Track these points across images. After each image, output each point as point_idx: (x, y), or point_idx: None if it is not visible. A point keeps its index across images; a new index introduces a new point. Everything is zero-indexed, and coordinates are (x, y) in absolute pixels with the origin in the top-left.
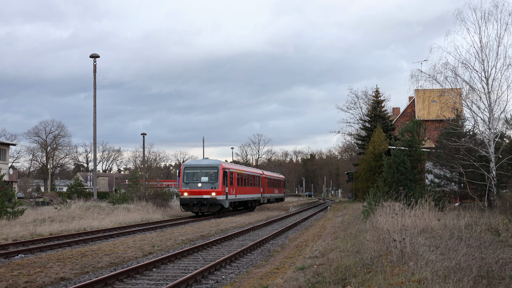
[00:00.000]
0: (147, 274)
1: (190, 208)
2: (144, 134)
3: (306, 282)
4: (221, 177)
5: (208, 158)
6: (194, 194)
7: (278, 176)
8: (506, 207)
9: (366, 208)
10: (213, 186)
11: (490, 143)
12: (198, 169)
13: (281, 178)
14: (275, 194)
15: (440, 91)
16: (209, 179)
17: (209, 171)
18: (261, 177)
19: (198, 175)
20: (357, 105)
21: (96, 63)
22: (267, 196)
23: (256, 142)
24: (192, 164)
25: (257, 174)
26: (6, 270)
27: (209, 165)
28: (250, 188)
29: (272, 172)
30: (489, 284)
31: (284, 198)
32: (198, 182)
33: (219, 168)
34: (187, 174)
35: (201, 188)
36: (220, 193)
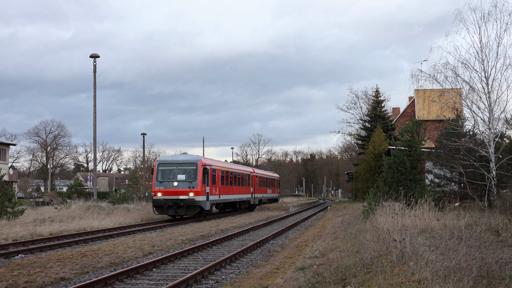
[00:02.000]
0: (147, 274)
1: (165, 210)
2: (144, 134)
3: (306, 282)
4: (200, 174)
5: (186, 153)
6: (169, 194)
7: (271, 174)
8: (506, 207)
9: (366, 208)
10: (191, 185)
11: (490, 143)
12: (174, 166)
13: (275, 177)
14: (268, 194)
15: (440, 91)
16: (187, 177)
17: (187, 168)
18: (251, 175)
19: (174, 173)
20: (357, 105)
21: (97, 63)
22: (258, 196)
23: (256, 142)
24: (167, 160)
25: (246, 172)
26: (6, 270)
27: (187, 161)
28: (237, 188)
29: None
30: (489, 284)
31: (278, 198)
32: (173, 181)
33: (198, 165)
34: (162, 172)
35: (177, 188)
36: (199, 193)
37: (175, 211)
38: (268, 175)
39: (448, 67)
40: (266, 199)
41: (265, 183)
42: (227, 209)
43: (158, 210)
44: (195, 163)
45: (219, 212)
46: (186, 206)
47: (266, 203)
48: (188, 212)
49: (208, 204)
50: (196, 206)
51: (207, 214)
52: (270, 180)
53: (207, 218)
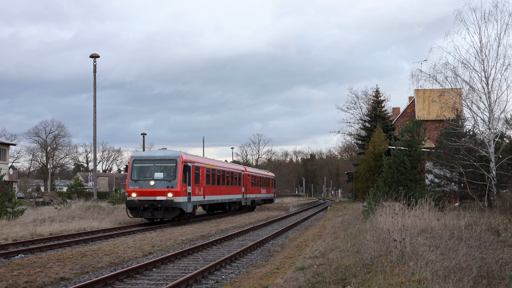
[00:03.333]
0: (147, 274)
1: (140, 213)
2: (144, 134)
3: (306, 282)
4: (180, 172)
5: (165, 149)
6: (145, 195)
7: (266, 173)
8: (506, 207)
9: (366, 208)
10: (170, 185)
11: (490, 143)
12: (151, 163)
13: (270, 176)
14: (262, 194)
15: (440, 91)
16: (165, 175)
17: (165, 165)
18: (242, 174)
19: (151, 170)
20: (357, 105)
21: (97, 63)
22: (251, 197)
23: (256, 142)
24: (143, 156)
25: (236, 170)
26: (6, 270)
27: (165, 157)
28: (226, 188)
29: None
30: (489, 284)
31: (273, 199)
32: (150, 179)
33: (177, 161)
34: (137, 169)
35: (154, 187)
36: (179, 194)
37: (152, 214)
38: (262, 174)
39: (448, 67)
40: (260, 200)
41: (258, 183)
42: (216, 211)
43: (133, 213)
44: (175, 159)
45: (207, 214)
46: (164, 208)
47: (260, 204)
48: (166, 214)
49: (189, 206)
50: (175, 208)
51: (189, 217)
52: (265, 179)
53: (189, 221)
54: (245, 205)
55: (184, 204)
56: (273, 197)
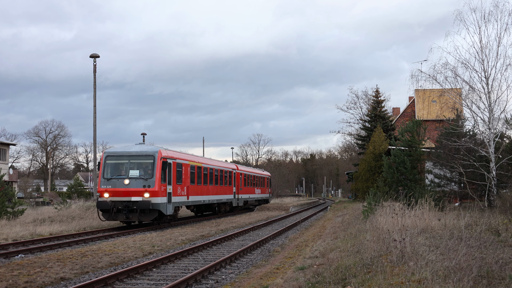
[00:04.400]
0: (147, 274)
1: (113, 215)
2: (144, 134)
3: (306, 282)
4: (158, 170)
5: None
6: (119, 195)
7: (261, 172)
8: (506, 207)
9: (366, 208)
10: (147, 184)
11: (490, 143)
12: (126, 159)
13: (265, 176)
14: (256, 194)
15: (440, 91)
16: (141, 173)
17: (141, 161)
18: (234, 173)
19: (126, 168)
20: (357, 105)
21: (98, 64)
22: (243, 197)
23: (256, 142)
24: (116, 152)
25: (227, 168)
26: (6, 270)
27: (141, 152)
28: (215, 187)
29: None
30: (489, 284)
31: (269, 199)
32: (124, 178)
33: (155, 157)
34: (109, 166)
35: (128, 187)
36: (157, 194)
37: (126, 216)
38: (256, 173)
39: (448, 67)
40: (253, 200)
41: (252, 182)
42: (204, 213)
43: (105, 215)
44: (152, 155)
45: (194, 216)
46: (140, 210)
47: (254, 205)
48: (142, 217)
49: (170, 208)
50: (153, 210)
51: (170, 220)
52: (259, 178)
53: (171, 225)
54: (237, 206)
55: (163, 206)
56: (268, 197)
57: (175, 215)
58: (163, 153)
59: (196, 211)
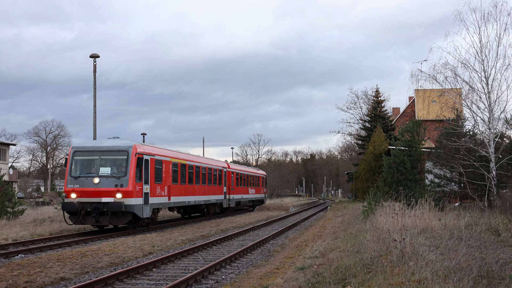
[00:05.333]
0: (147, 274)
1: (80, 218)
2: (144, 134)
3: (306, 282)
4: (133, 167)
5: (116, 138)
6: (87, 195)
7: (255, 171)
8: (506, 207)
9: (366, 208)
10: (119, 183)
11: (490, 143)
12: (96, 155)
13: (260, 175)
14: (250, 195)
15: (440, 91)
16: (114, 170)
17: (113, 157)
18: (224, 171)
19: (96, 165)
20: (357, 105)
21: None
22: (236, 197)
23: (256, 142)
24: (86, 147)
25: (216, 166)
26: (6, 270)
27: (114, 147)
28: (202, 187)
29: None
30: (489, 284)
31: (264, 200)
32: (94, 176)
33: (129, 153)
34: (78, 163)
35: (98, 186)
36: (131, 194)
37: (96, 220)
38: (250, 172)
39: (448, 67)
40: (247, 201)
41: (245, 182)
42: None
43: (72, 219)
44: (126, 150)
45: (181, 218)
46: (111, 212)
47: (247, 205)
48: (114, 220)
49: (147, 210)
50: (126, 212)
51: (149, 223)
52: (253, 178)
53: (150, 228)
54: (228, 208)
55: (138, 207)
56: (263, 197)
57: (154, 218)
58: (138, 148)
59: (183, 213)
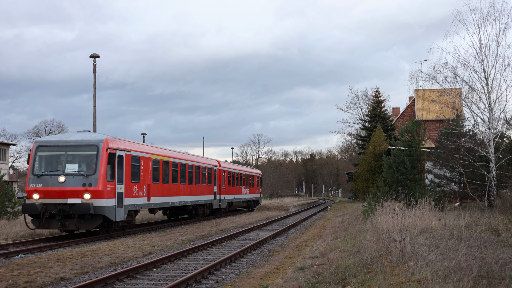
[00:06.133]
0: (147, 274)
1: (43, 222)
2: (144, 134)
3: (306, 282)
4: (103, 164)
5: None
6: (52, 196)
7: (249, 170)
8: (506, 207)
9: (366, 208)
10: (88, 182)
11: (490, 143)
12: (62, 150)
13: (256, 174)
14: (244, 195)
15: (440, 91)
16: (81, 168)
17: (82, 153)
18: (215, 169)
19: (62, 161)
20: (357, 105)
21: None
22: (227, 198)
23: (256, 142)
24: (50, 141)
25: (205, 164)
26: (6, 270)
27: (82, 142)
28: (188, 186)
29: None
30: (489, 284)
31: (260, 200)
32: (59, 174)
33: (100, 148)
34: (41, 160)
35: (64, 186)
36: (101, 194)
37: (61, 224)
38: (244, 171)
39: (448, 68)
40: (240, 201)
41: (239, 181)
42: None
43: (35, 222)
44: (95, 145)
45: (168, 220)
46: (79, 215)
47: (240, 206)
48: (82, 224)
49: (121, 212)
50: (96, 215)
51: (124, 227)
52: (248, 177)
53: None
54: (219, 209)
55: (109, 209)
56: (259, 198)
57: (131, 221)
58: (110, 143)
59: (169, 215)
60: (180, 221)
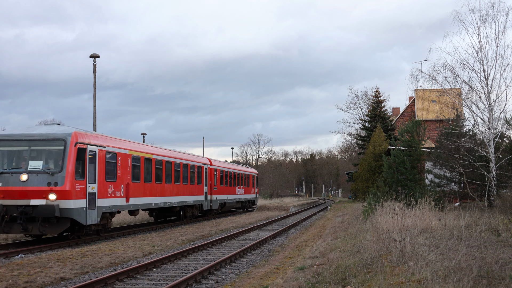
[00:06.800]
0: (147, 274)
1: (3, 226)
2: (144, 134)
3: (306, 282)
4: (72, 160)
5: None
6: (12, 197)
7: (244, 169)
8: (506, 207)
9: (366, 208)
10: (53, 181)
11: (490, 143)
12: (25, 145)
13: (251, 173)
14: (238, 195)
15: (440, 91)
16: (47, 165)
17: (47, 148)
18: (205, 168)
19: (25, 158)
20: (357, 105)
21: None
22: (219, 198)
23: (256, 142)
24: (11, 135)
25: (194, 162)
26: (6, 270)
27: (47, 135)
28: (175, 186)
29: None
30: (489, 284)
31: (256, 201)
32: (21, 172)
33: (67, 143)
34: (2, 155)
35: (26, 185)
36: (69, 195)
37: (24, 228)
38: (238, 170)
39: (447, 68)
40: (233, 202)
41: (232, 181)
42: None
43: None
44: (62, 139)
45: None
46: (43, 218)
47: (234, 207)
48: (46, 229)
49: (93, 214)
50: (63, 218)
51: (99, 231)
52: (242, 176)
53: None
54: (210, 210)
55: (78, 212)
56: (254, 198)
57: (106, 224)
58: (80, 137)
59: (156, 217)
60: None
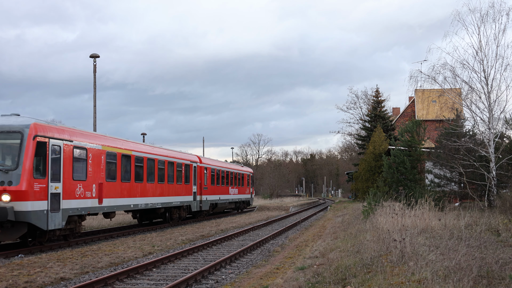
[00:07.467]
0: (147, 274)
1: None
2: (144, 134)
3: (306, 282)
4: (29, 156)
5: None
6: None
7: (238, 168)
8: (506, 207)
9: (366, 208)
10: (7, 179)
11: (490, 143)
12: None
13: (246, 172)
14: (231, 195)
15: (439, 91)
16: (1, 160)
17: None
18: (194, 166)
19: None
20: (357, 105)
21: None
22: (210, 199)
23: (256, 142)
24: None
25: (181, 160)
26: (6, 270)
27: (1, 127)
28: (159, 186)
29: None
30: (489, 284)
31: (251, 201)
32: None
33: (24, 135)
34: None
35: None
36: (26, 196)
37: None
38: (230, 168)
39: (447, 68)
40: (226, 203)
41: (225, 180)
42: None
43: None
44: (19, 131)
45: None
46: None
47: (227, 208)
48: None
49: (56, 218)
50: (18, 222)
51: (66, 236)
52: (236, 175)
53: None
54: (200, 211)
55: (37, 215)
56: (249, 198)
57: (75, 229)
58: (40, 129)
59: (141, 219)
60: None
